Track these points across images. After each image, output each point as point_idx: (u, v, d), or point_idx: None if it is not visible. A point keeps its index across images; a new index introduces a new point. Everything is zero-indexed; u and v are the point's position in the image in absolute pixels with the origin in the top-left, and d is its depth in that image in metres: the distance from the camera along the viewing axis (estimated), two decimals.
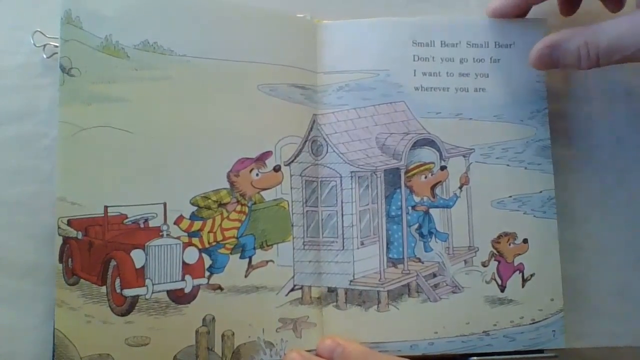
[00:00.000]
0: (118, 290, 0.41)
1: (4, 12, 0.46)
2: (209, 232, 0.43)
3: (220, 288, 0.43)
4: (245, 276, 0.44)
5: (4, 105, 0.44)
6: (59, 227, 0.40)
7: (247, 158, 0.44)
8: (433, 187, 0.48)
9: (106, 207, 0.41)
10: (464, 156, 0.48)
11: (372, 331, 0.45)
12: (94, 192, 0.41)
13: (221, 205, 0.44)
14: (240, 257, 0.44)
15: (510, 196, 0.47)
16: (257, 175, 0.45)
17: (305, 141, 0.46)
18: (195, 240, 0.43)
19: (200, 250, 0.43)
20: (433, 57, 0.48)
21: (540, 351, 0.46)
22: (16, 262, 0.43)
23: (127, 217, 0.42)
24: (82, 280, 0.40)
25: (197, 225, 0.43)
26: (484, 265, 0.47)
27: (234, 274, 0.43)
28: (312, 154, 0.46)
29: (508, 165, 0.47)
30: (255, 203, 0.45)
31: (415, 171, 0.47)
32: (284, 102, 0.45)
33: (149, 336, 0.41)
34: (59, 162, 0.41)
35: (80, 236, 0.41)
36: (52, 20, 0.42)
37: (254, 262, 0.44)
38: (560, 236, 0.47)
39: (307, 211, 0.46)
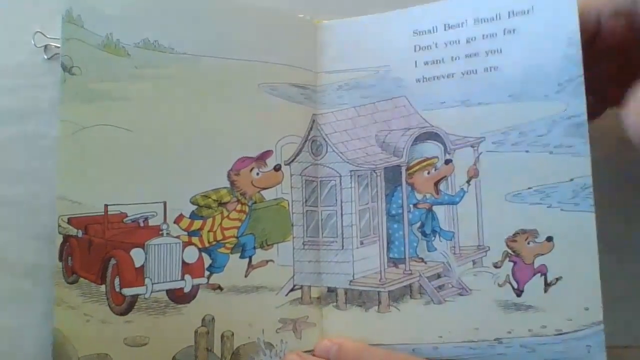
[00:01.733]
0: (117, 289, 0.40)
1: (4, 12, 0.46)
2: (208, 231, 0.43)
3: (220, 288, 0.43)
4: (245, 276, 0.43)
5: (5, 105, 0.44)
6: (59, 225, 0.40)
7: (248, 157, 0.44)
8: (437, 183, 0.46)
9: (106, 206, 0.41)
10: (473, 146, 0.44)
11: (373, 332, 0.44)
12: (94, 191, 0.41)
13: (221, 204, 0.44)
14: (240, 257, 0.44)
15: (530, 187, 0.42)
16: (257, 174, 0.45)
17: (305, 141, 0.46)
18: (195, 239, 0.43)
19: (200, 250, 0.43)
20: (436, 44, 0.45)
21: None
22: (16, 262, 0.42)
23: (127, 216, 0.41)
24: (81, 279, 0.40)
25: (197, 224, 0.43)
26: (496, 266, 0.43)
27: (234, 273, 0.43)
28: (312, 153, 0.46)
29: (527, 151, 0.42)
30: (255, 202, 0.45)
31: (417, 167, 0.46)
32: (284, 101, 0.46)
33: (148, 336, 0.40)
34: (59, 160, 0.41)
35: (80, 234, 0.41)
36: (52, 19, 0.42)
37: (254, 262, 0.44)
38: None
39: (307, 211, 0.46)
